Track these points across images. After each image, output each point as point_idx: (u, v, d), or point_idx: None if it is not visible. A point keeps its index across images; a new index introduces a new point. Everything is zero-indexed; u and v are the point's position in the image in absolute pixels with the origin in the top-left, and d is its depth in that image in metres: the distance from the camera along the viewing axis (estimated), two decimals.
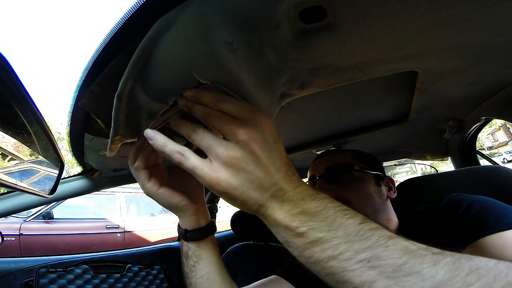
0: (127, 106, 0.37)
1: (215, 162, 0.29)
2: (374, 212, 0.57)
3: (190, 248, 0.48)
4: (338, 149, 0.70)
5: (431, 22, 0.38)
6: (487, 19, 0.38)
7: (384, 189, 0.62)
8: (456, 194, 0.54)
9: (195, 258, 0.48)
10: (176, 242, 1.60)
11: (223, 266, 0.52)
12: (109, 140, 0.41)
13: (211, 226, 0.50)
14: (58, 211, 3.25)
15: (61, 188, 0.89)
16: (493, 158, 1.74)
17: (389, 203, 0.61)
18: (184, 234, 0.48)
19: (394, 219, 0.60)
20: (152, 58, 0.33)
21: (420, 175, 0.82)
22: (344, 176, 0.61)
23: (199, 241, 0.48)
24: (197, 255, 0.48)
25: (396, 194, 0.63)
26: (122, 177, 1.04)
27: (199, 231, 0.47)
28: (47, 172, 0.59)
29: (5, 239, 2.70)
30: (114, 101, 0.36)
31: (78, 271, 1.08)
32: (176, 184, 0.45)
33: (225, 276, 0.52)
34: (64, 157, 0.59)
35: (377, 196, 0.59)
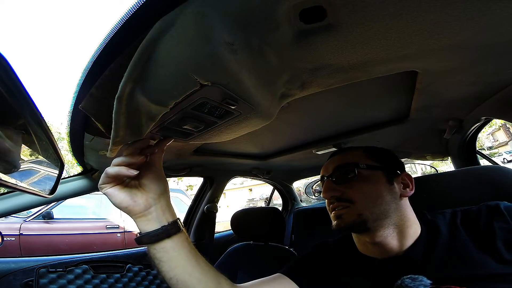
0: (127, 108, 0.37)
1: None
2: (384, 212, 0.55)
3: (148, 250, 0.47)
4: (350, 147, 0.67)
5: (431, 22, 0.38)
6: (487, 19, 0.38)
7: (397, 187, 0.58)
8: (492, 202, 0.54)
9: (156, 260, 0.46)
10: None
11: (199, 267, 0.48)
12: (110, 141, 0.41)
13: (164, 231, 0.46)
14: (58, 211, 3.24)
15: (61, 188, 0.89)
16: (493, 158, 1.74)
17: (404, 201, 0.58)
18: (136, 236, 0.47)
19: (412, 218, 0.57)
20: (152, 60, 0.33)
21: (420, 175, 0.81)
22: (350, 175, 0.59)
23: (153, 243, 0.46)
24: (158, 257, 0.46)
25: (413, 191, 0.60)
26: None
27: (147, 236, 0.46)
28: (47, 172, 0.58)
29: (5, 239, 2.70)
30: (114, 103, 0.36)
31: (78, 271, 1.08)
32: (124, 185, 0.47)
33: (202, 276, 0.48)
34: (64, 157, 0.59)
35: (388, 194, 0.56)
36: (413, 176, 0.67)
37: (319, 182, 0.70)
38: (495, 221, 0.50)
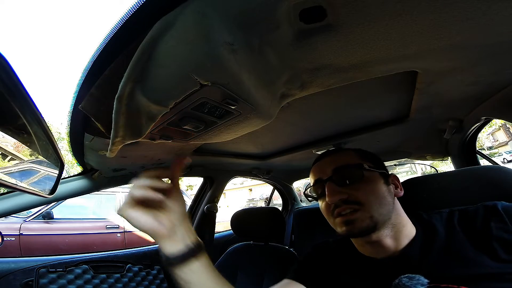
0: (127, 108, 0.37)
1: None
2: (388, 212, 0.55)
3: (175, 273, 0.45)
4: (340, 149, 0.66)
5: (431, 22, 0.38)
6: (487, 19, 0.38)
7: (392, 187, 0.59)
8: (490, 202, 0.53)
9: (183, 282, 0.45)
10: None
11: (225, 286, 0.48)
12: (110, 141, 0.41)
13: (190, 252, 0.46)
14: (58, 211, 3.24)
15: (61, 188, 0.89)
16: (493, 158, 1.74)
17: (397, 202, 0.59)
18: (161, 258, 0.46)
19: (405, 218, 0.57)
20: (152, 60, 0.33)
21: (420, 175, 0.81)
22: (355, 177, 0.57)
23: (181, 265, 0.45)
24: (185, 280, 0.45)
25: (403, 192, 0.61)
26: (122, 177, 1.04)
27: (174, 257, 0.45)
28: (47, 172, 0.58)
29: (5, 239, 2.70)
30: (114, 103, 0.36)
31: (78, 271, 1.08)
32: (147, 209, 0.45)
33: None
34: (64, 157, 0.59)
35: (388, 195, 0.57)
36: (413, 176, 0.67)
37: (311, 187, 0.67)
38: (492, 221, 0.50)
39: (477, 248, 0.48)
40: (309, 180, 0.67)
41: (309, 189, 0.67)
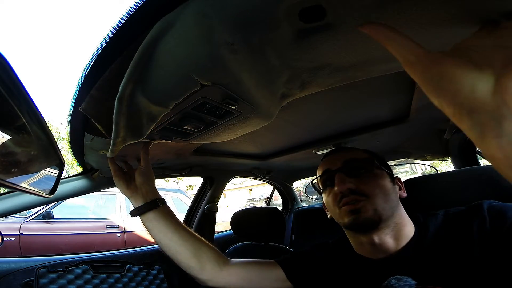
0: (127, 109, 0.37)
1: None
2: (391, 209, 0.56)
3: (141, 221, 0.67)
4: (351, 147, 0.69)
5: (431, 21, 0.38)
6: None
7: (397, 187, 0.61)
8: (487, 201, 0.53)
9: (146, 228, 0.66)
10: None
11: (177, 233, 0.64)
12: (111, 142, 0.41)
13: (145, 206, 0.66)
14: (58, 211, 3.24)
15: (61, 188, 0.89)
16: None
17: (400, 203, 0.60)
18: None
19: (406, 218, 0.58)
20: (153, 61, 0.33)
21: (420, 175, 0.81)
22: (363, 170, 0.60)
23: (140, 215, 0.66)
24: (146, 226, 0.66)
25: (406, 194, 0.62)
26: None
27: (135, 209, 0.67)
28: (47, 172, 0.58)
29: (5, 239, 2.70)
30: (115, 104, 0.36)
31: (78, 271, 1.07)
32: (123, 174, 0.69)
33: (180, 241, 0.64)
34: (64, 157, 0.59)
35: (393, 193, 0.59)
36: (413, 176, 0.68)
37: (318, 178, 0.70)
38: (474, 221, 0.50)
39: (464, 249, 0.48)
40: (315, 176, 0.71)
41: (315, 181, 0.71)
